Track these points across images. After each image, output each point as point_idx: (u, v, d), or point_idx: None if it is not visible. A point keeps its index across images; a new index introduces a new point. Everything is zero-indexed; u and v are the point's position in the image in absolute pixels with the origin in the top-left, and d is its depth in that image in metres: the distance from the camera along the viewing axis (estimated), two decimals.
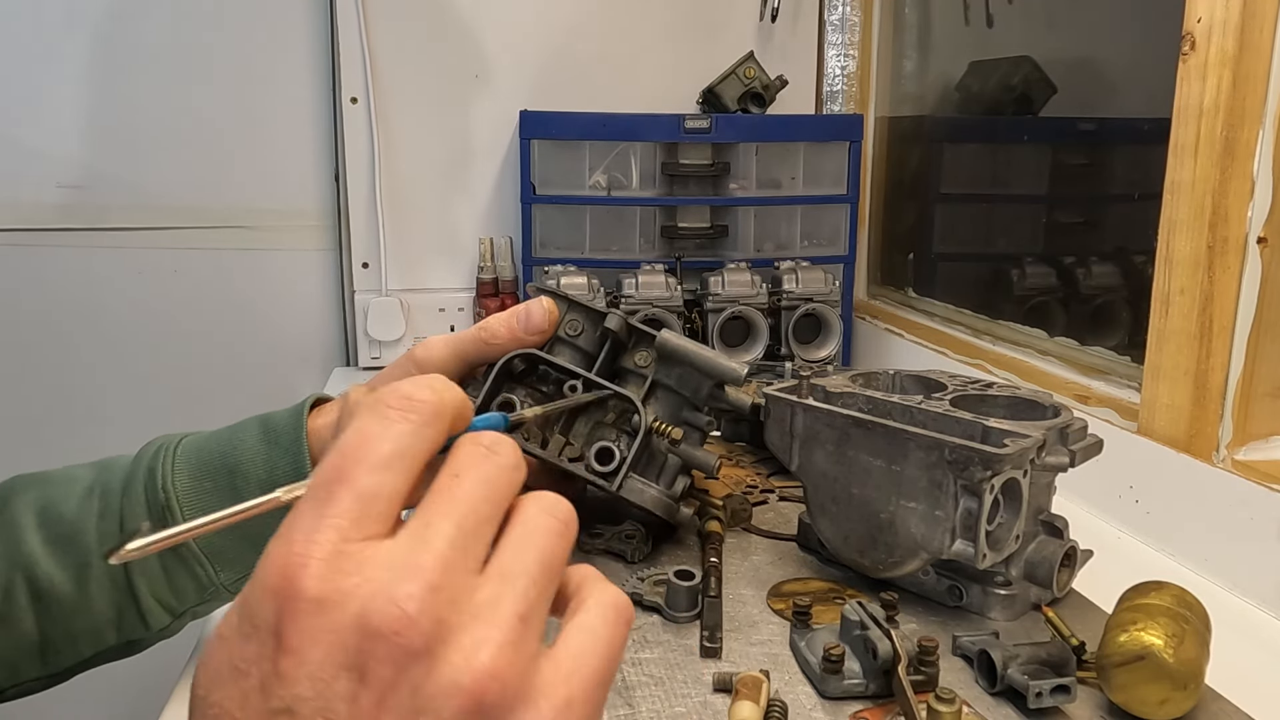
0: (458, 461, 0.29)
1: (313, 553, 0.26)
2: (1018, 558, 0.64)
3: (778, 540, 0.77)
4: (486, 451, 0.29)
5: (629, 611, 0.30)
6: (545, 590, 0.28)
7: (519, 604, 0.27)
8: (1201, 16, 0.78)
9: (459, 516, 0.27)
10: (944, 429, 0.63)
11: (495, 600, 0.27)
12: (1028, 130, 1.44)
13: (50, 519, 0.57)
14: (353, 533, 0.26)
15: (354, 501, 0.26)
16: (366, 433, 0.28)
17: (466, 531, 0.27)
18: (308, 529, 0.26)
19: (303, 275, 1.51)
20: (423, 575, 0.26)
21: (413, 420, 0.28)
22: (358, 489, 0.27)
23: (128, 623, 0.58)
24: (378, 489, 0.27)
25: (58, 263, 1.43)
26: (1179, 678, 0.51)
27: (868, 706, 0.54)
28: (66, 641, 0.57)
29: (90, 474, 0.60)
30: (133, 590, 0.57)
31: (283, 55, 1.45)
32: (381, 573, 0.25)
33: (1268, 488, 0.73)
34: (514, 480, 0.29)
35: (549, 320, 0.67)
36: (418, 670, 0.25)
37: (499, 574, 0.27)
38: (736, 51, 1.44)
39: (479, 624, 0.26)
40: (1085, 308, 1.27)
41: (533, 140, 1.35)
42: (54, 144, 1.41)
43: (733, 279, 1.28)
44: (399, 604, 0.25)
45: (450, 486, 0.28)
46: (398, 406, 0.28)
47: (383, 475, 0.27)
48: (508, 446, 0.30)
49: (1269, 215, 0.77)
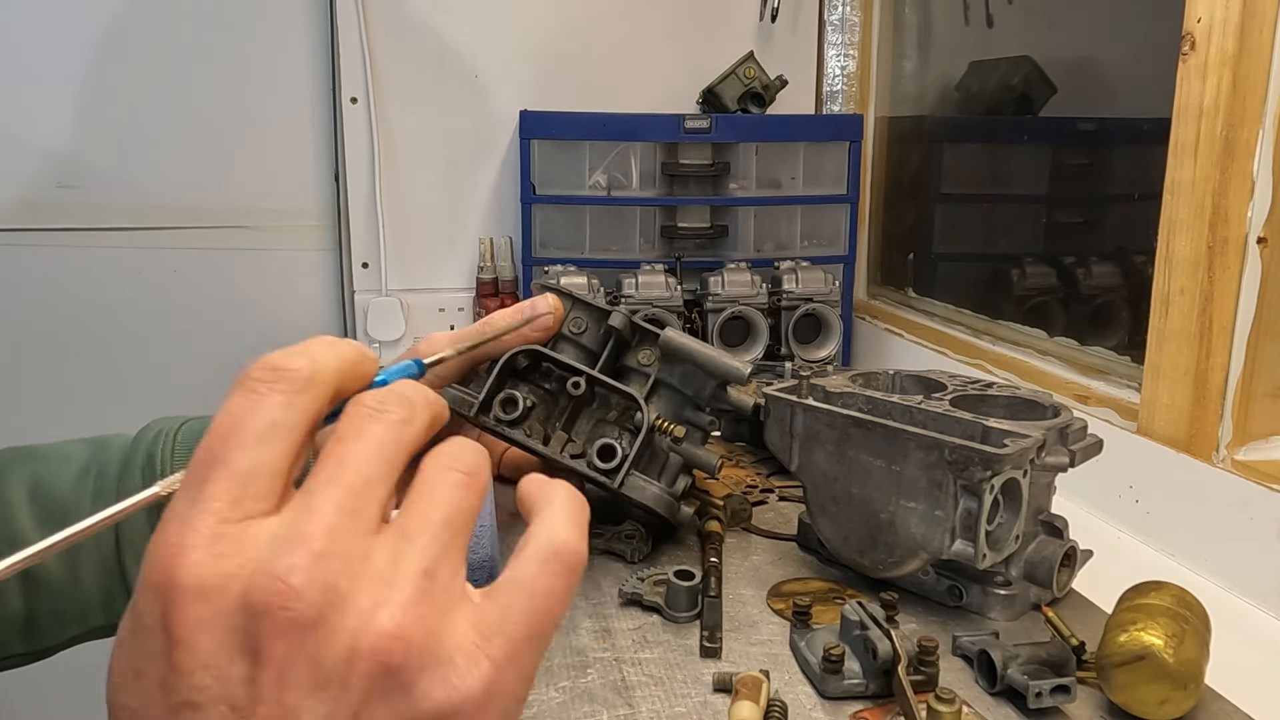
0: (341, 425, 0.28)
1: (189, 540, 0.25)
2: (1018, 558, 0.64)
3: (778, 540, 0.77)
4: (372, 411, 0.28)
5: (575, 559, 0.28)
6: (451, 544, 0.27)
7: (421, 560, 0.26)
8: (1201, 16, 0.78)
9: (346, 480, 0.26)
10: (944, 429, 0.63)
11: (394, 560, 0.26)
12: (1028, 130, 1.44)
13: (42, 497, 0.57)
14: (231, 514, 0.25)
15: (229, 482, 0.26)
16: (235, 410, 0.27)
17: (355, 493, 0.26)
18: (182, 517, 0.25)
19: (303, 275, 1.51)
20: (307, 544, 0.25)
21: (282, 390, 0.27)
22: (231, 469, 0.26)
23: (116, 606, 0.58)
24: (254, 466, 0.26)
25: (57, 262, 1.43)
26: (1179, 678, 0.51)
27: (868, 706, 0.54)
28: (53, 621, 0.57)
29: (84, 452, 0.59)
30: (123, 573, 0.57)
31: (283, 55, 1.45)
32: (263, 550, 0.25)
33: (1268, 488, 0.73)
34: (406, 435, 0.28)
35: (554, 318, 0.66)
36: (313, 641, 0.24)
37: (398, 533, 0.26)
38: (736, 51, 1.44)
39: (377, 585, 0.25)
40: (1085, 308, 1.27)
41: (533, 140, 1.35)
42: (54, 144, 1.41)
43: (733, 279, 1.28)
44: (281, 577, 0.24)
45: (334, 451, 0.27)
46: (265, 379, 0.27)
47: (257, 451, 0.26)
48: (397, 400, 0.28)
49: (1269, 215, 0.77)
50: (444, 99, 1.45)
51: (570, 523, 0.29)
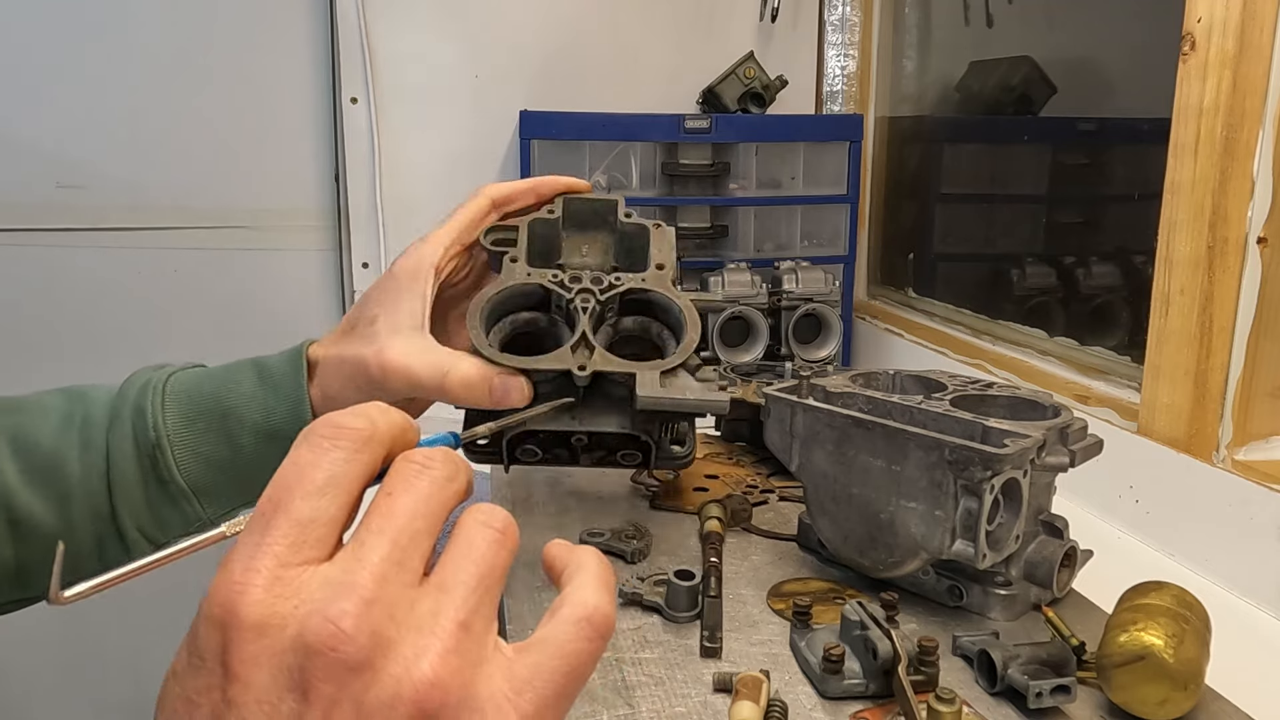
0: (391, 480, 0.29)
1: (251, 580, 0.26)
2: (1018, 558, 0.64)
3: (778, 540, 0.77)
4: (419, 468, 0.30)
5: (605, 625, 0.30)
6: (485, 598, 0.28)
7: (458, 613, 0.27)
8: (1201, 16, 0.78)
9: (393, 532, 0.28)
10: (944, 429, 0.63)
11: (435, 612, 0.27)
12: (1028, 130, 1.44)
13: (25, 448, 0.58)
14: (290, 558, 0.27)
15: (290, 528, 0.27)
16: (300, 462, 0.29)
17: (401, 546, 0.28)
18: (246, 557, 0.27)
19: (303, 275, 1.51)
20: (357, 591, 0.26)
21: (344, 447, 0.29)
22: (293, 516, 0.27)
23: (109, 552, 0.59)
24: (313, 515, 0.28)
25: (58, 263, 1.43)
26: (1179, 678, 0.51)
27: (868, 706, 0.54)
28: (44, 568, 0.58)
29: (62, 402, 0.60)
30: (116, 521, 0.58)
31: (283, 55, 1.45)
32: (317, 593, 0.26)
33: (1268, 488, 0.73)
34: (449, 493, 0.30)
35: (521, 396, 0.61)
36: (358, 684, 0.25)
37: (437, 585, 0.28)
38: (736, 51, 1.44)
39: (418, 634, 0.26)
40: (1085, 308, 1.27)
41: (533, 140, 1.35)
42: (54, 144, 1.41)
43: (733, 279, 1.28)
44: (334, 620, 0.25)
45: (383, 504, 0.29)
46: (329, 435, 0.29)
47: (317, 501, 0.28)
48: (441, 461, 0.30)
49: (1269, 215, 0.77)
50: (444, 99, 1.45)
51: (601, 588, 0.30)
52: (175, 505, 0.59)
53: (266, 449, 0.59)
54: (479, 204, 0.64)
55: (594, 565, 0.31)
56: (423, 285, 0.61)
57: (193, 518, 0.60)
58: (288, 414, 0.59)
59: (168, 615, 0.67)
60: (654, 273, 0.67)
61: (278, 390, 0.60)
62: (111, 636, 1.52)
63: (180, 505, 0.59)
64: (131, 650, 1.51)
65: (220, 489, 0.60)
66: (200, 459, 0.59)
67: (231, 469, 0.60)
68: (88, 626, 1.51)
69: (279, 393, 0.60)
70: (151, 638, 1.52)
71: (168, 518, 0.59)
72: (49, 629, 1.49)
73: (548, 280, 0.64)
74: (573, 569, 0.31)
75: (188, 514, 0.60)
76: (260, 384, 0.60)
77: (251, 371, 0.61)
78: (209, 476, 0.59)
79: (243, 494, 0.61)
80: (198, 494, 0.59)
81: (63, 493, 0.57)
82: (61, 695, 1.54)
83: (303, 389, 0.59)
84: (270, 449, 0.60)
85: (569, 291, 0.64)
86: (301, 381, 0.60)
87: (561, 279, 0.65)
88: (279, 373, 0.60)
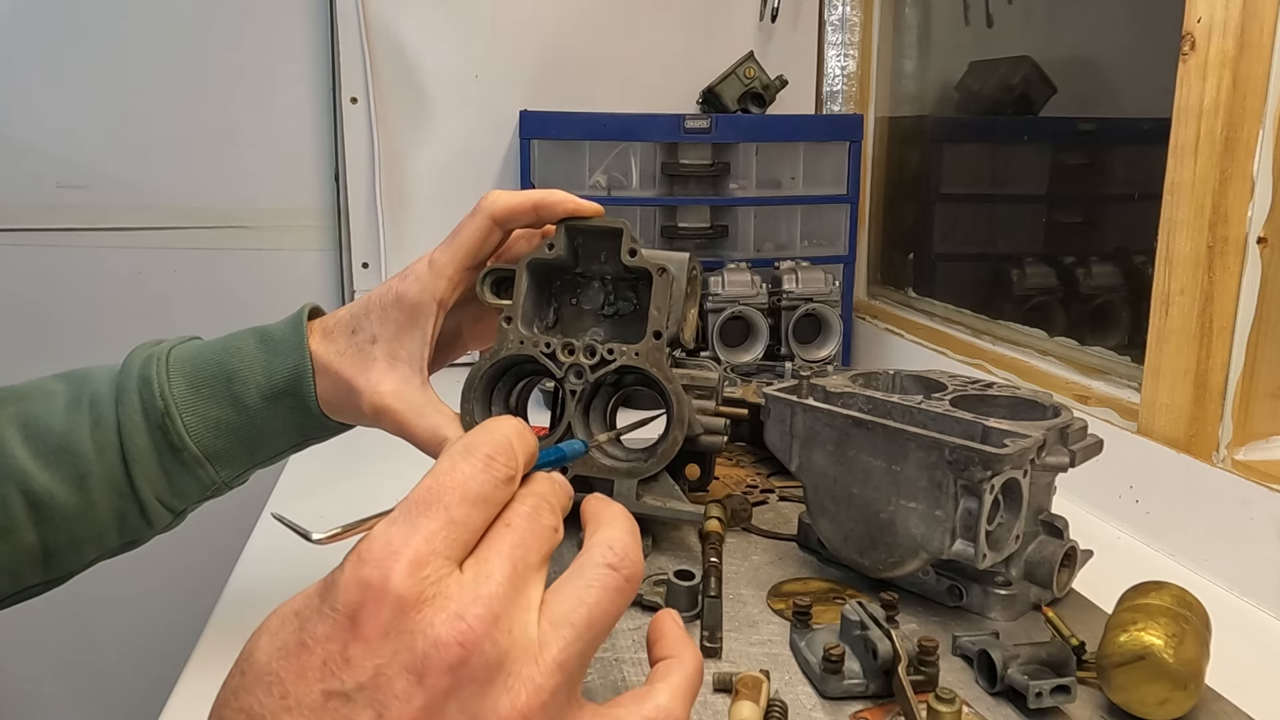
0: (516, 508, 0.31)
1: (407, 555, 0.27)
2: (1018, 558, 0.64)
3: (778, 540, 0.77)
4: (550, 507, 0.32)
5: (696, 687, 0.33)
6: (588, 645, 0.30)
7: (561, 654, 0.29)
8: (1201, 16, 0.78)
9: (515, 559, 0.29)
10: (944, 429, 0.63)
11: (543, 644, 0.28)
12: (1028, 130, 1.44)
13: (37, 433, 0.58)
14: (443, 550, 0.28)
15: (448, 525, 0.29)
16: (464, 470, 0.30)
17: (519, 573, 0.29)
18: (405, 534, 0.28)
19: (303, 275, 1.51)
20: (488, 604, 0.27)
21: (500, 473, 0.31)
22: (451, 516, 0.29)
23: (130, 524, 0.60)
24: (465, 520, 0.29)
25: (58, 263, 1.43)
26: (1179, 678, 0.51)
27: (868, 706, 0.54)
28: (70, 548, 0.59)
29: (65, 385, 0.61)
30: (136, 493, 0.59)
31: (283, 55, 1.45)
32: (456, 591, 0.27)
33: (1268, 488, 0.73)
34: (555, 539, 0.32)
35: None
36: (470, 689, 0.27)
37: (550, 618, 0.29)
38: (736, 51, 1.44)
39: (525, 662, 0.28)
40: (1085, 308, 1.27)
41: (533, 140, 1.35)
42: (54, 144, 1.41)
43: (733, 279, 1.28)
44: (468, 621, 0.27)
45: (507, 534, 0.30)
46: (494, 456, 0.31)
47: (471, 510, 0.29)
48: (557, 511, 0.32)
49: (1269, 215, 0.77)
50: (444, 99, 1.45)
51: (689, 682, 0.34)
52: (189, 471, 0.60)
53: (273, 409, 0.60)
54: (480, 224, 0.63)
55: (693, 651, 0.35)
56: (425, 324, 0.60)
57: (207, 482, 0.61)
58: (290, 373, 0.60)
59: (168, 615, 0.67)
60: (648, 346, 0.64)
61: (279, 352, 0.60)
62: (111, 636, 1.52)
63: (194, 471, 0.60)
64: (132, 650, 1.51)
65: (231, 452, 0.61)
66: (209, 423, 0.59)
67: (242, 432, 0.60)
68: (88, 626, 1.51)
69: (280, 354, 0.60)
70: (152, 637, 1.53)
71: (183, 484, 0.60)
72: (49, 629, 1.49)
73: (539, 353, 0.64)
74: (672, 642, 0.35)
75: (202, 479, 0.60)
76: (261, 347, 0.61)
77: (252, 337, 0.61)
78: (219, 441, 0.60)
79: (253, 456, 0.62)
80: (210, 459, 0.60)
81: (80, 472, 0.58)
82: (62, 695, 1.54)
83: (304, 350, 0.60)
84: (277, 409, 0.60)
85: (560, 368, 0.65)
86: (303, 343, 0.60)
87: (555, 349, 0.65)
88: (280, 336, 0.61)
